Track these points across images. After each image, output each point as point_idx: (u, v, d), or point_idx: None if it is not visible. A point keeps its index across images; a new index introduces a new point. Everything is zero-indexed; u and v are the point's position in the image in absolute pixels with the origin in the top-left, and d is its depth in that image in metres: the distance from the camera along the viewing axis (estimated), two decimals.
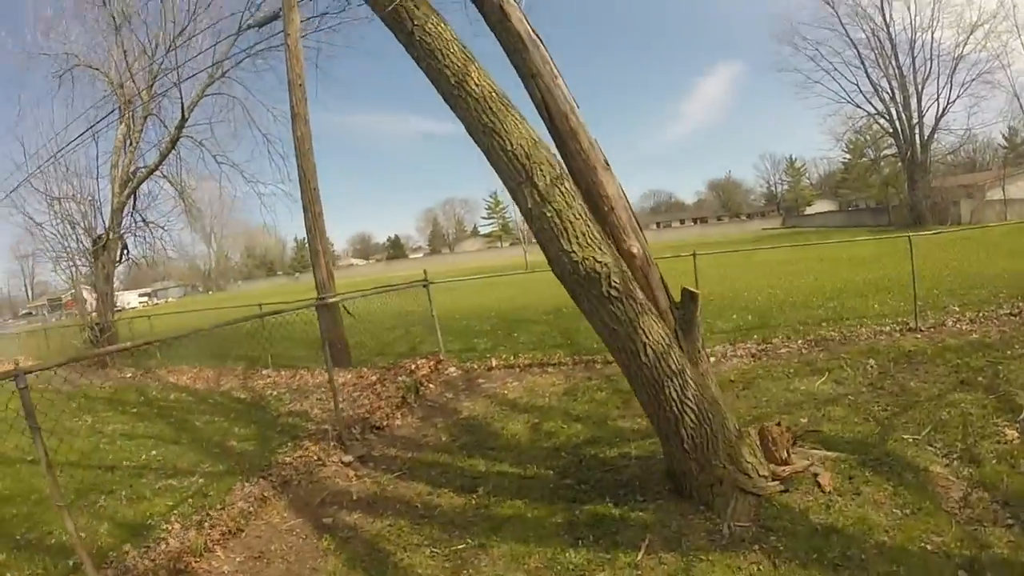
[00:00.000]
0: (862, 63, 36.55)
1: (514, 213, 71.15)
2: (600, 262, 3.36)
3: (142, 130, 12.43)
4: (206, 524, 4.34)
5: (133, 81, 12.10)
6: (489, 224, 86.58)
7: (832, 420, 4.81)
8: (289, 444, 6.03)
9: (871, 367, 5.95)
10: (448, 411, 6.92)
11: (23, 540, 4.43)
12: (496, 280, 16.08)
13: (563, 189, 3.44)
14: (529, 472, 4.79)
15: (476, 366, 8.36)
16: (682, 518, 3.65)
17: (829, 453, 4.16)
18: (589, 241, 3.38)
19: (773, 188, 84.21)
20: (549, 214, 3.39)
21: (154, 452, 6.18)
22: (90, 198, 12.45)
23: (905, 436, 4.31)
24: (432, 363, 8.66)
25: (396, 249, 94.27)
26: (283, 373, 9.54)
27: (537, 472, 4.76)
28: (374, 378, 8.45)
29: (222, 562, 4.00)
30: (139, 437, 6.74)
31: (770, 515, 3.55)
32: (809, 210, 71.98)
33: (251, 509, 4.61)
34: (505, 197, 67.89)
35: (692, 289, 3.72)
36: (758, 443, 3.85)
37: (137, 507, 4.79)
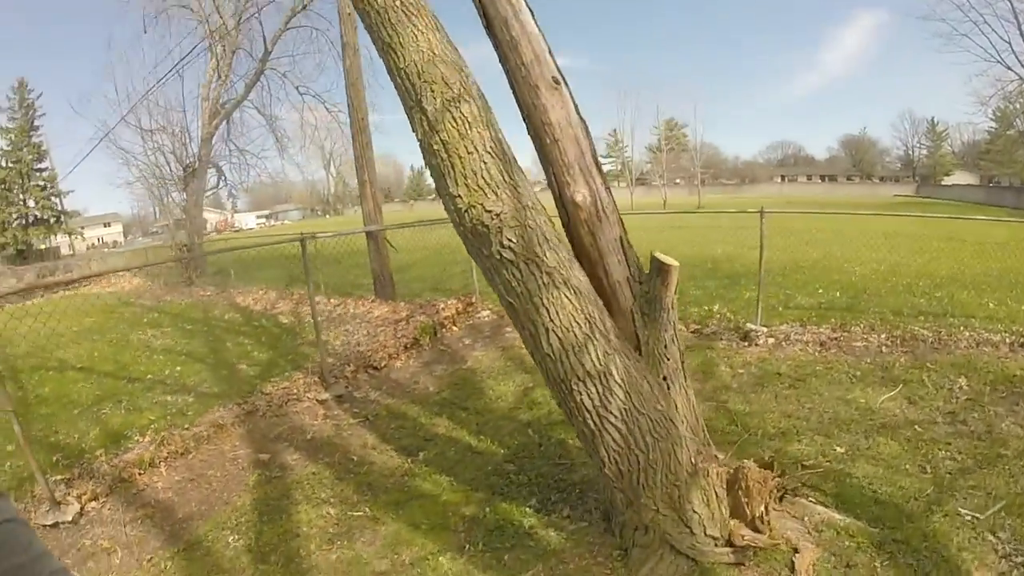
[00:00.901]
0: (1015, 17, 29.18)
1: (633, 152, 67.45)
2: (490, 212, 2.69)
3: (230, 64, 13.27)
4: (166, 442, 4.66)
5: (221, 17, 12.82)
6: (608, 162, 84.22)
7: (876, 459, 3.62)
8: (286, 374, 6.29)
9: (959, 389, 4.50)
10: (456, 358, 6.74)
11: (33, 435, 5.11)
12: None
13: (457, 115, 2.76)
14: (480, 445, 4.45)
15: None
16: (589, 558, 2.99)
17: (837, 516, 3.06)
18: (481, 183, 2.71)
19: (910, 152, 75.01)
20: (436, 146, 2.76)
21: (177, 368, 6.81)
22: (181, 129, 13.79)
23: (963, 511, 3.02)
24: (463, 304, 8.48)
25: None
26: (333, 301, 10.00)
27: (488, 447, 4.40)
28: (404, 314, 8.52)
29: (161, 478, 4.27)
30: (175, 353, 7.48)
31: None
32: (947, 180, 63.55)
33: (207, 434, 4.87)
34: (624, 134, 64.46)
35: (664, 258, 2.82)
36: (723, 486, 2.93)
37: (128, 418, 5.28)
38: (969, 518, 2.99)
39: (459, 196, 2.73)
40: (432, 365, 6.65)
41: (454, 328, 7.86)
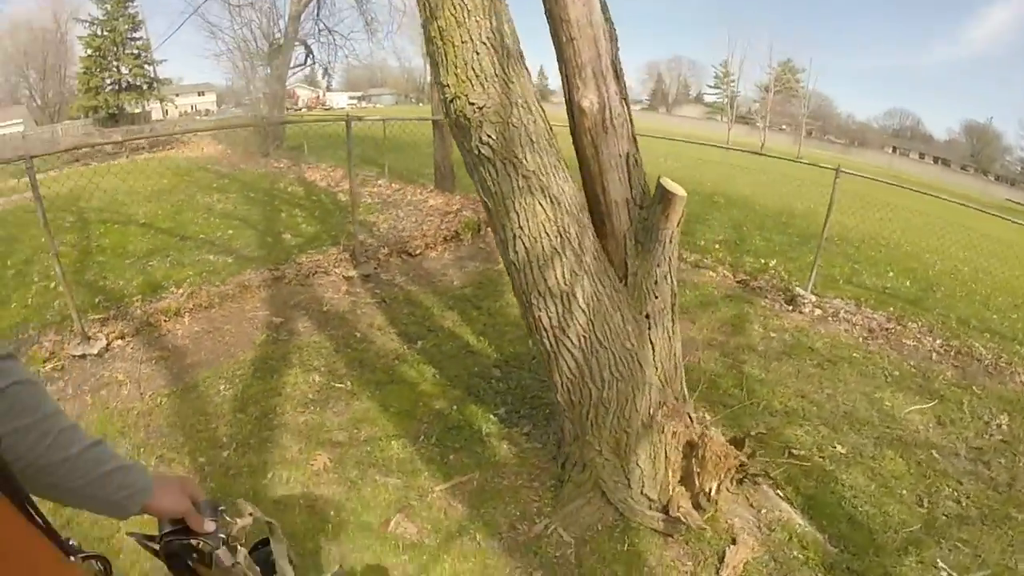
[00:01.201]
0: None
1: (741, 87, 60.83)
2: (473, 104, 2.29)
3: None
4: (195, 295, 5.00)
5: None
6: (715, 94, 76.79)
7: (874, 473, 3.17)
8: (323, 248, 6.47)
9: (997, 426, 3.77)
10: (490, 258, 6.61)
11: (84, 279, 5.64)
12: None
13: (457, 1, 2.33)
14: (478, 346, 4.40)
15: None
16: (525, 480, 2.89)
17: (798, 520, 2.71)
18: (471, 74, 2.31)
19: None
20: (433, 33, 2.37)
21: (229, 231, 7.19)
22: (269, 6, 13.58)
23: (941, 564, 2.57)
24: None
25: None
26: (394, 185, 10.05)
27: (484, 349, 4.35)
28: (455, 207, 8.42)
29: (182, 327, 4.62)
30: (231, 217, 7.88)
31: (607, 552, 2.49)
32: None
33: (233, 293, 5.16)
34: (733, 67, 57.97)
35: (671, 185, 2.36)
36: (679, 448, 2.63)
37: (170, 271, 5.69)
38: (945, 575, 2.55)
39: (447, 86, 2.38)
40: (465, 261, 6.57)
41: None
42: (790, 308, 5.53)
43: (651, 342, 2.65)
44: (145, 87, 34.14)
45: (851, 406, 3.87)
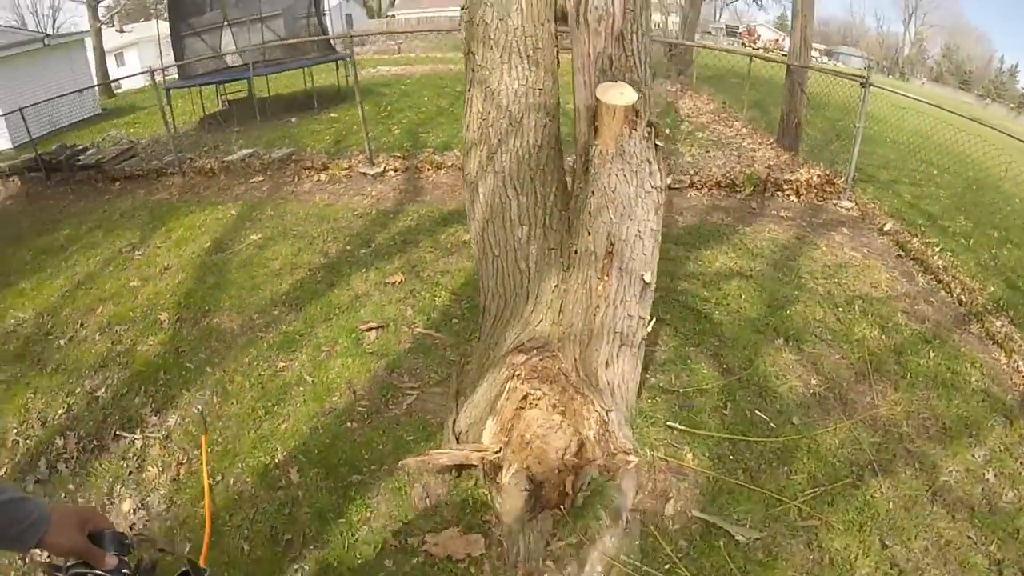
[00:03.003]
0: None
1: None
2: (462, 7, 2.35)
3: None
4: (457, 161, 6.53)
5: None
6: None
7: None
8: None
9: None
10: (745, 219, 5.93)
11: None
12: None
13: None
14: None
15: None
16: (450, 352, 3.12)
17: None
18: None
19: None
20: None
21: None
22: None
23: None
24: (821, 179, 6.61)
25: None
26: (743, 129, 9.41)
27: None
28: (773, 162, 7.41)
29: (437, 177, 6.29)
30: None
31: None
32: None
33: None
34: None
35: (605, 94, 1.95)
36: (514, 407, 2.32)
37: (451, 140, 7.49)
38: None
39: None
40: (710, 211, 5.96)
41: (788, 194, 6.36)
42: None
43: (556, 280, 2.37)
44: None
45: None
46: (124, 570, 0.90)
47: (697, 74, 14.42)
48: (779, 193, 6.27)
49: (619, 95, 1.93)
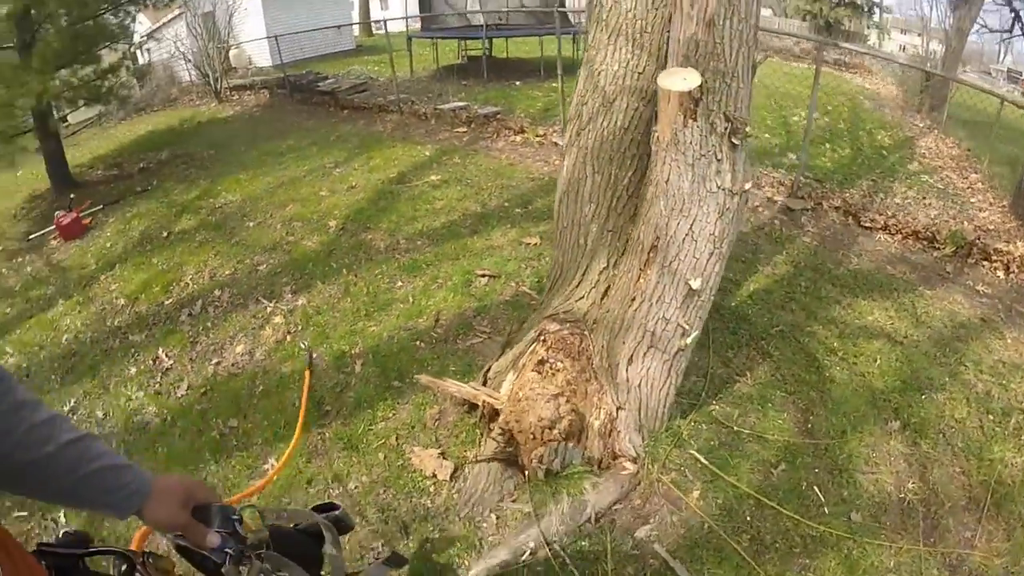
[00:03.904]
0: None
1: None
2: None
3: None
4: None
5: None
6: None
7: None
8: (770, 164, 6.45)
9: None
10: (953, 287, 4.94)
11: None
12: None
13: None
14: None
15: None
16: None
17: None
18: None
19: None
20: None
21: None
22: None
23: None
24: None
25: None
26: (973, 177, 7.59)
27: None
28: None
29: None
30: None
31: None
32: None
33: None
34: None
35: (667, 80, 1.80)
36: (535, 365, 2.34)
37: None
38: None
39: None
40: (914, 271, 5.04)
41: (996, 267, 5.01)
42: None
43: (607, 263, 2.39)
44: (865, 9, 31.80)
45: None
46: (228, 549, 0.83)
47: (950, 112, 11.77)
48: (985, 263, 4.97)
49: (680, 80, 1.83)
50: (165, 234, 5.51)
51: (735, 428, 2.74)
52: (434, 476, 2.46)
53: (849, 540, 2.28)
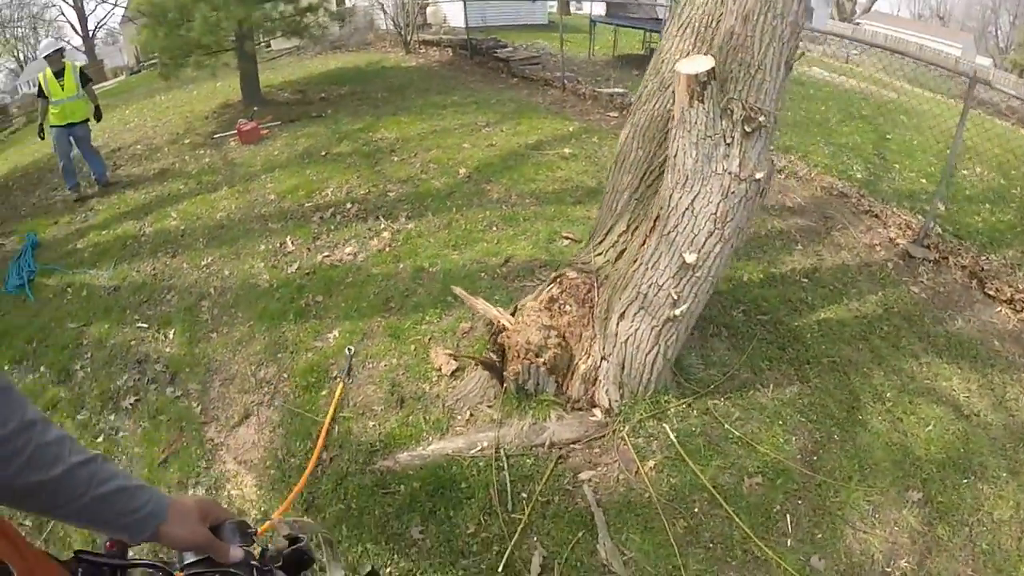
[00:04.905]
0: None
1: None
2: None
3: None
4: None
5: None
6: None
7: None
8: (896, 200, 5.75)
9: None
10: None
11: None
12: None
13: None
14: None
15: None
16: None
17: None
18: None
19: None
20: None
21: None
22: None
23: None
24: None
25: None
26: None
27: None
28: None
29: None
30: None
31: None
32: None
33: None
34: None
35: (684, 62, 1.99)
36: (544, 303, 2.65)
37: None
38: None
39: None
40: None
41: None
42: None
43: (627, 228, 2.68)
44: None
45: None
46: (252, 562, 0.85)
47: None
48: None
49: (692, 65, 2.03)
50: (323, 153, 6.66)
51: (726, 427, 2.81)
52: (440, 370, 2.99)
53: None
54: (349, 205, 5.24)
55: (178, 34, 7.58)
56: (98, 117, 6.46)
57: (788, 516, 2.51)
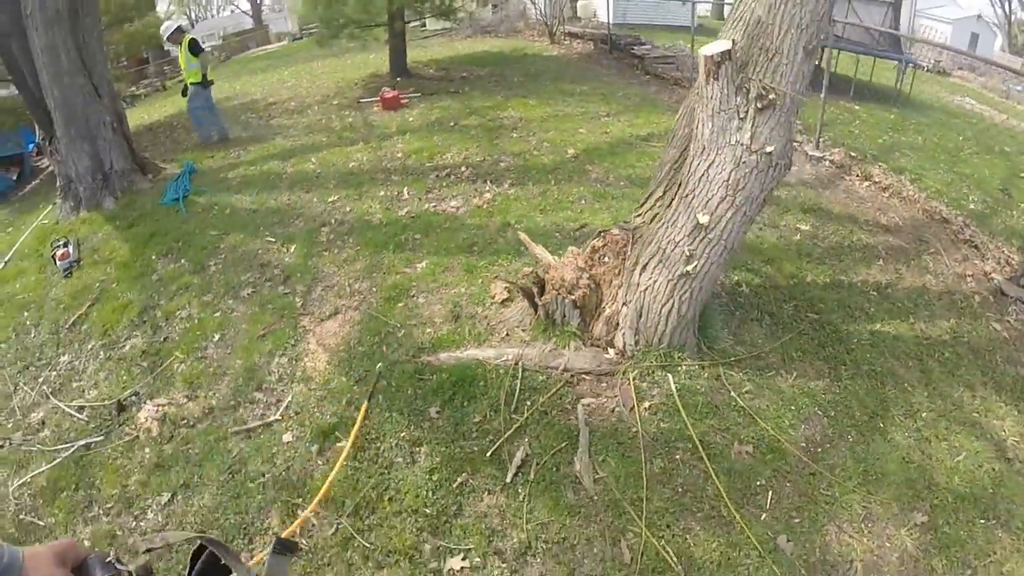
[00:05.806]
0: None
1: None
2: None
3: None
4: None
5: None
6: None
7: None
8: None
9: None
10: None
11: None
12: None
13: None
14: None
15: None
16: None
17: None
18: None
19: None
20: None
21: None
22: None
23: None
24: None
25: None
26: None
27: None
28: None
29: None
30: None
31: None
32: None
33: None
34: None
35: (710, 45, 2.33)
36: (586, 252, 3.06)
37: None
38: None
39: None
40: None
41: None
42: None
43: (663, 192, 3.09)
44: None
45: None
46: None
47: None
48: None
49: (712, 47, 2.36)
50: (452, 124, 7.55)
51: (732, 395, 3.06)
52: (493, 298, 3.62)
53: (755, 551, 2.39)
54: (463, 169, 6.00)
55: (334, 8, 8.76)
56: (205, 84, 7.74)
57: (770, 493, 2.65)
